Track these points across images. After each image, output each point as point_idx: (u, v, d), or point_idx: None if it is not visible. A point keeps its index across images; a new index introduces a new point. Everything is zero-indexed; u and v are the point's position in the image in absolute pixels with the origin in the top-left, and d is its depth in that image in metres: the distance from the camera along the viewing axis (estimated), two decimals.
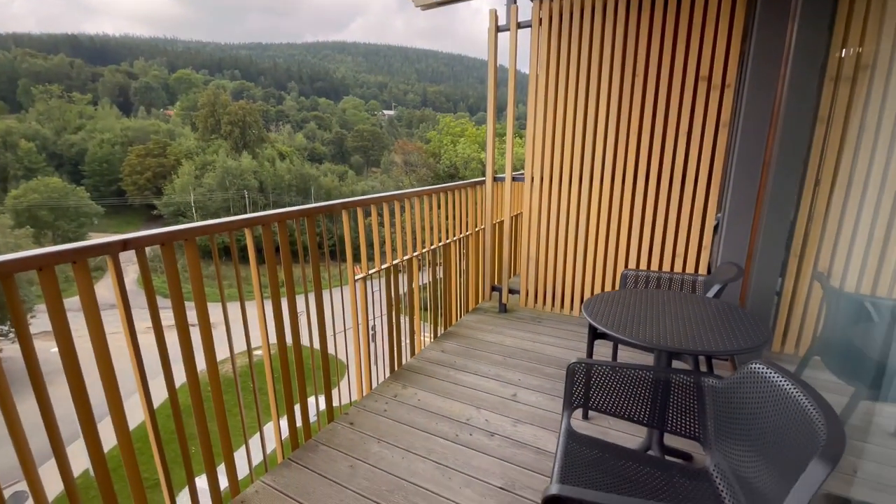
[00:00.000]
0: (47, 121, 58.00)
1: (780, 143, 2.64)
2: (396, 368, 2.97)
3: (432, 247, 3.37)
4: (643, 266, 3.31)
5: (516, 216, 4.76)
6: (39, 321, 27.15)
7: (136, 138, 56.64)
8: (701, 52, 2.86)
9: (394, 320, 2.90)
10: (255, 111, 69.47)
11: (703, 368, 2.21)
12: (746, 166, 2.86)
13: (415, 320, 3.23)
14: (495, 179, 3.87)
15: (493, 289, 4.10)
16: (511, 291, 4.02)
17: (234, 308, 1.97)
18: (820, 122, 2.44)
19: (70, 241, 40.67)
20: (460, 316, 3.88)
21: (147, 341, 1.59)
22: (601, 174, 3.34)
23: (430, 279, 3.39)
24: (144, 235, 1.51)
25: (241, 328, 1.93)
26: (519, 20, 3.40)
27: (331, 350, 2.43)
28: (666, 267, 3.24)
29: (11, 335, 21.62)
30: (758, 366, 1.30)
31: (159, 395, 2.08)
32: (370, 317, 2.71)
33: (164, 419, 1.86)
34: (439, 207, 3.44)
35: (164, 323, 1.62)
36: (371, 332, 2.86)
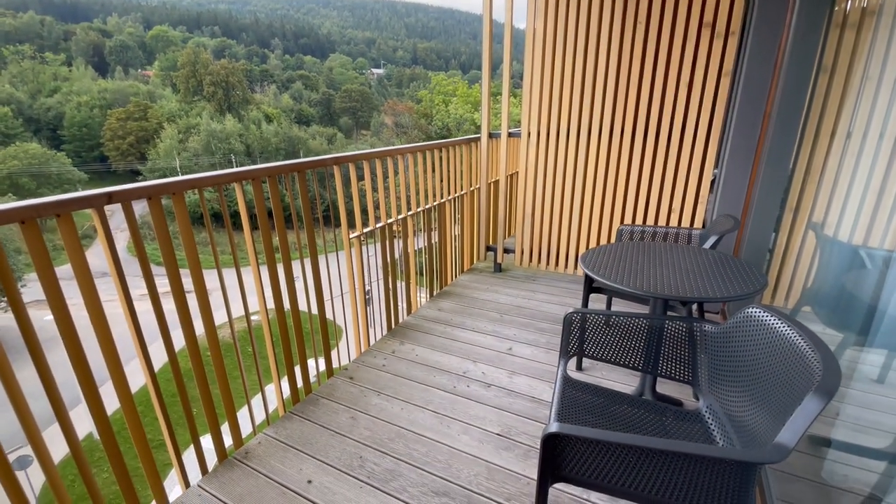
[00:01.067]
0: (21, 83, 55.29)
1: (783, 93, 2.58)
2: (394, 326, 3.01)
3: (426, 206, 3.33)
4: (640, 220, 3.31)
5: (512, 175, 4.70)
6: (32, 290, 27.03)
7: (114, 101, 54.39)
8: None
9: (390, 283, 2.91)
10: (239, 71, 66.51)
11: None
12: (747, 117, 2.80)
13: (411, 283, 3.24)
14: (491, 136, 3.78)
15: (489, 249, 4.10)
16: (506, 251, 4.03)
17: (229, 275, 1.95)
18: (823, 71, 2.37)
19: None
20: (456, 276, 3.90)
21: (143, 307, 1.58)
22: (599, 128, 3.27)
23: (426, 240, 3.37)
24: (131, 188, 1.46)
25: (238, 294, 1.92)
26: None
27: (328, 316, 2.44)
28: (662, 222, 3.24)
29: (3, 303, 21.55)
30: (754, 310, 1.31)
31: (159, 359, 2.09)
32: (366, 281, 2.71)
33: (165, 383, 1.88)
34: (433, 170, 3.37)
35: (159, 290, 1.60)
36: (367, 296, 2.87)
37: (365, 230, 2.71)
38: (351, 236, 2.60)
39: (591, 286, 2.30)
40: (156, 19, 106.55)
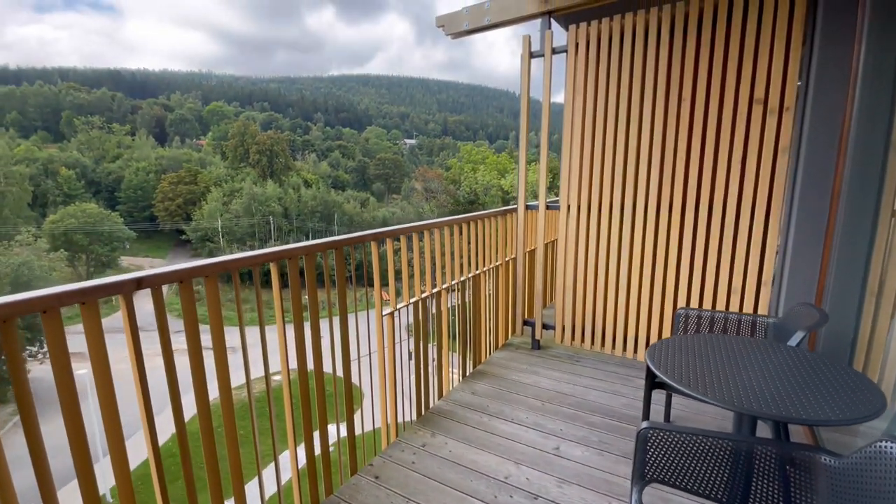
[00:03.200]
0: (87, 150, 61.40)
1: (851, 171, 2.39)
2: (424, 412, 2.74)
3: (461, 278, 3.18)
4: (695, 302, 3.03)
5: (550, 243, 4.56)
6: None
7: (169, 167, 59.26)
8: (755, 74, 2.67)
9: (421, 358, 2.69)
10: (283, 140, 72.10)
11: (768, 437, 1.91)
12: (811, 196, 2.60)
13: (443, 357, 3.01)
14: (528, 208, 3.69)
15: (525, 323, 3.86)
16: (545, 327, 3.76)
17: (253, 334, 1.82)
18: (893, 147, 2.20)
19: (103, 264, 42.11)
20: (490, 353, 3.63)
21: (158, 366, 1.43)
22: (645, 203, 3.12)
23: (459, 312, 3.19)
24: (161, 273, 1.37)
25: (259, 353, 1.77)
26: (553, 46, 3.30)
27: (354, 379, 2.23)
28: (721, 304, 2.95)
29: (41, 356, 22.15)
30: (890, 445, 1.03)
31: (165, 430, 1.90)
32: (398, 351, 2.51)
33: (170, 457, 1.67)
34: (468, 241, 3.27)
35: (175, 347, 1.46)
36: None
37: (399, 306, 2.56)
38: (384, 313, 2.45)
39: (653, 381, 2.02)
40: (213, 96, 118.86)
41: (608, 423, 2.57)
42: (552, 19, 3.31)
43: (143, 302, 1.43)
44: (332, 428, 2.08)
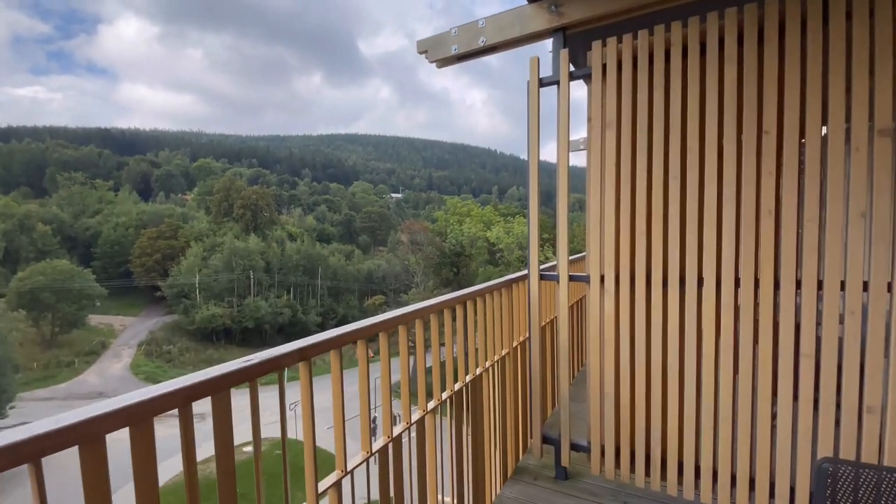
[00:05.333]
0: (68, 205, 60.07)
1: None
2: None
3: (455, 387, 2.16)
4: (827, 438, 2.01)
5: (576, 304, 3.60)
6: (23, 411, 24.50)
7: (149, 221, 57.97)
8: (873, 93, 1.87)
9: None
10: (268, 195, 71.95)
11: None
12: None
13: None
14: (542, 278, 2.75)
15: (546, 440, 2.77)
16: (574, 448, 2.68)
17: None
18: None
19: (70, 323, 39.39)
20: (498, 488, 2.52)
21: None
22: (717, 276, 2.20)
23: (453, 439, 2.13)
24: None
25: None
26: (571, 70, 2.53)
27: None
28: (874, 447, 1.94)
29: None
30: None
31: None
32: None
33: None
34: (466, 326, 2.29)
35: None
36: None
37: (362, 460, 1.50)
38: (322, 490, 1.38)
39: None
40: (202, 153, 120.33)
41: None
42: (566, 37, 2.57)
43: None
44: None
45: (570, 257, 2.68)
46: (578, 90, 2.91)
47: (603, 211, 2.44)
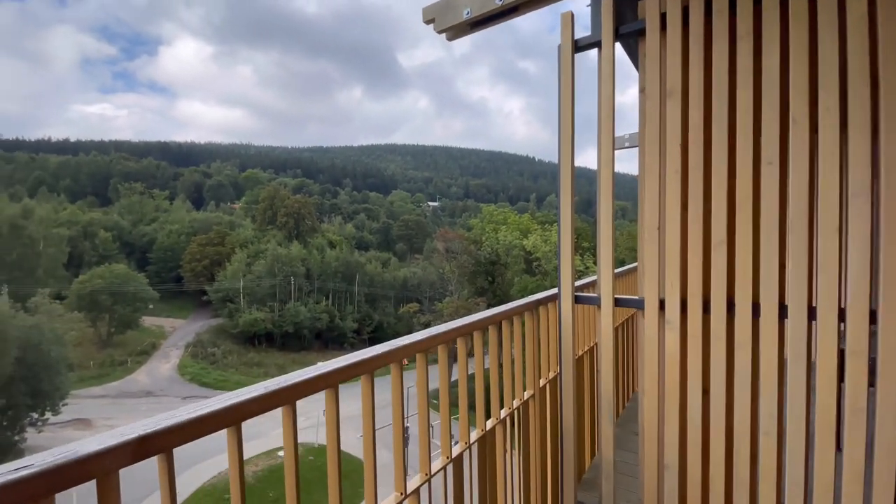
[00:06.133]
0: (128, 213, 64.46)
1: None
2: None
3: (455, 452, 1.59)
4: None
5: (622, 324, 2.94)
6: (72, 409, 25.78)
7: (200, 228, 61.03)
8: None
9: None
10: (310, 204, 74.20)
11: None
12: None
13: None
14: (577, 300, 2.13)
15: None
16: None
17: None
18: None
19: (125, 324, 41.80)
20: None
21: None
22: (837, 301, 1.51)
23: None
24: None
25: None
26: (617, 26, 1.92)
27: None
28: None
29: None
30: None
31: None
32: None
33: None
34: (475, 359, 1.72)
35: None
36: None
37: None
38: None
39: None
40: (250, 164, 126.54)
41: None
42: None
43: None
44: None
45: (616, 270, 2.05)
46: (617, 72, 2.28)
47: (663, 212, 1.81)
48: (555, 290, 2.26)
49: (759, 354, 1.66)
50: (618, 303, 1.97)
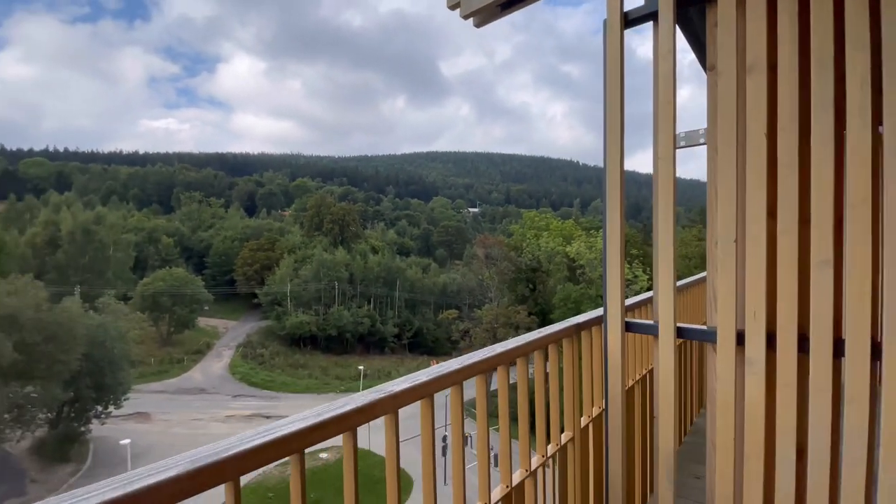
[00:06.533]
0: (188, 220, 68.96)
1: None
2: None
3: None
4: None
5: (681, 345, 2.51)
6: (134, 402, 27.45)
7: (252, 235, 64.15)
8: None
9: None
10: (354, 211, 76.19)
11: None
12: None
13: None
14: (628, 328, 1.76)
15: None
16: None
17: None
18: None
19: (182, 324, 44.49)
20: None
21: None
22: None
23: None
24: None
25: None
26: None
27: None
28: None
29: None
30: None
31: None
32: None
33: None
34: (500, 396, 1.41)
35: None
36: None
37: None
38: None
39: None
40: (300, 173, 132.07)
41: None
42: None
43: None
44: None
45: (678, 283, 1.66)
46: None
47: (742, 222, 1.42)
48: (599, 312, 1.90)
49: (876, 410, 1.24)
50: (681, 333, 1.58)
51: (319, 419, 0.93)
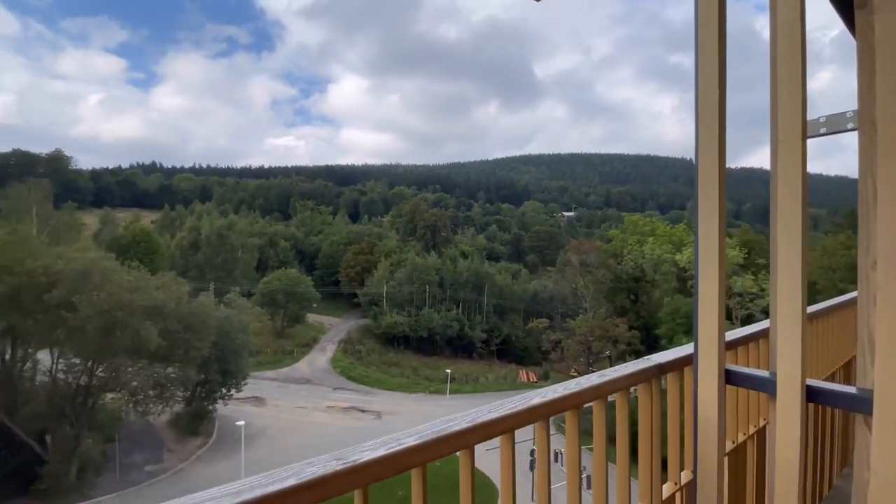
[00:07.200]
0: (301, 226, 76.81)
1: None
2: None
3: None
4: None
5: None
6: (251, 387, 31.21)
7: (354, 239, 69.18)
8: None
9: None
10: (445, 217, 78.08)
11: None
12: None
13: None
14: (730, 378, 1.27)
15: None
16: None
17: None
18: None
19: (294, 319, 49.54)
20: None
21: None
22: None
23: None
24: None
25: None
26: None
27: None
28: None
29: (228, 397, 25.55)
30: None
31: None
32: None
33: None
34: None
35: None
36: None
37: None
38: None
39: None
40: (398, 182, 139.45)
41: None
42: None
43: None
44: None
45: (810, 309, 1.14)
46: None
47: None
48: (687, 350, 1.43)
49: None
50: (813, 395, 1.07)
51: (443, 432, 0.93)
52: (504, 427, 1.07)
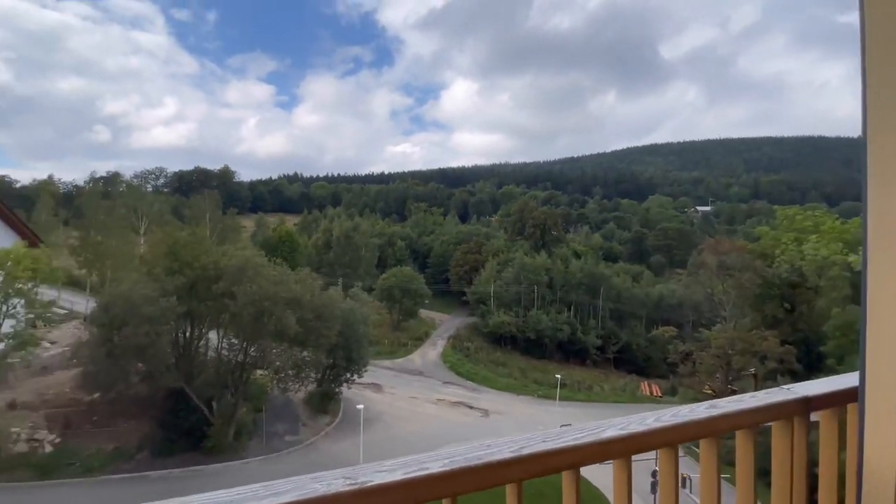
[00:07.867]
0: (415, 227, 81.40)
1: None
2: None
3: None
4: None
5: None
6: (369, 375, 34.15)
7: (463, 239, 70.90)
8: None
9: None
10: (556, 215, 75.22)
11: None
12: None
13: None
14: None
15: None
16: None
17: None
18: None
19: (408, 314, 52.73)
20: None
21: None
22: None
23: None
24: None
25: None
26: None
27: None
28: None
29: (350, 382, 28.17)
30: None
31: None
32: None
33: None
34: None
35: None
36: None
37: None
38: None
39: None
40: (506, 181, 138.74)
41: None
42: None
43: None
44: None
45: None
46: None
47: None
48: (849, 380, 0.94)
49: None
50: None
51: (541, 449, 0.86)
52: (561, 462, 0.86)
